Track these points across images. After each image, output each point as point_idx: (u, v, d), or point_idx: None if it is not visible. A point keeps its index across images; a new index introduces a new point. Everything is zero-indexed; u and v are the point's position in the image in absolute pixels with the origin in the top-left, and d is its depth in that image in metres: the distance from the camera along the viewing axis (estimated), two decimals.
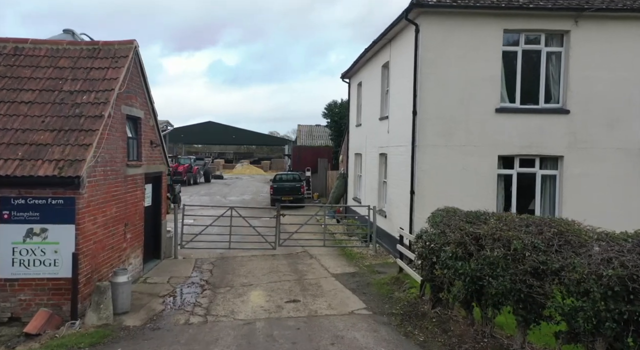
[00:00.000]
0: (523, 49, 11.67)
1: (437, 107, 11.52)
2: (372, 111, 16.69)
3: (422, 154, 11.57)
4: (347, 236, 16.48)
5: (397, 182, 13.26)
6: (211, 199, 31.11)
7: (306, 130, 42.36)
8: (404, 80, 12.59)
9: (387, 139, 14.45)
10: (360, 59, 17.37)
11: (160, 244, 12.72)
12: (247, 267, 12.31)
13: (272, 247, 14.01)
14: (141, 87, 11.02)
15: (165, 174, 13.10)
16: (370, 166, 16.86)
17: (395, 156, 13.57)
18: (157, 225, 12.66)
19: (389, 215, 14.06)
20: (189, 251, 13.73)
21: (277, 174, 29.53)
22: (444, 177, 11.59)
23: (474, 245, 6.70)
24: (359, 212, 17.69)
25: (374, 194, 16.18)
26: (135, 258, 10.71)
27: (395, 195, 13.45)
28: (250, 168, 70.51)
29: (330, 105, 34.12)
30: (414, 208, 11.73)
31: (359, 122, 19.27)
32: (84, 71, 9.62)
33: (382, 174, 15.57)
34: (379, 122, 15.50)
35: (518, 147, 11.66)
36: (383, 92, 15.46)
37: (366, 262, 12.95)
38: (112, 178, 9.25)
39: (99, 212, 8.66)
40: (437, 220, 7.87)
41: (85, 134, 8.37)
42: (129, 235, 10.27)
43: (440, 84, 11.49)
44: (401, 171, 12.83)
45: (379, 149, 15.48)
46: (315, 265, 12.51)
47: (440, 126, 11.54)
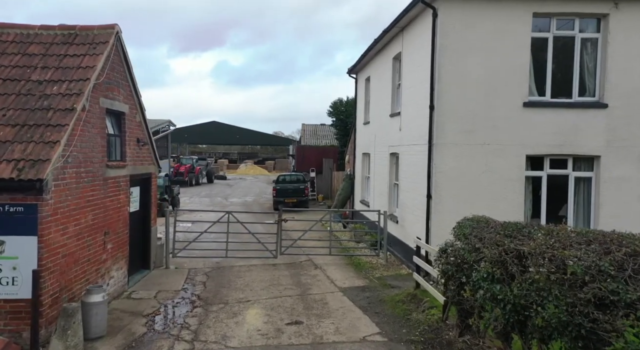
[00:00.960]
0: (554, 35, 10.37)
1: (458, 101, 10.25)
2: (381, 108, 15.43)
3: (441, 153, 10.31)
4: (355, 243, 15.23)
5: (410, 184, 12.00)
6: (212, 201, 29.99)
7: (311, 129, 41.12)
8: (419, 72, 11.33)
9: (398, 137, 13.19)
10: (368, 51, 16.12)
11: (149, 252, 11.52)
12: (244, 278, 11.09)
13: (273, 256, 12.79)
14: (125, 79, 9.83)
15: (156, 175, 11.91)
16: (380, 167, 15.61)
17: (408, 156, 12.31)
18: (146, 232, 11.47)
19: (402, 221, 12.80)
20: (182, 260, 12.54)
21: (280, 174, 28.30)
22: (465, 180, 10.33)
23: (516, 266, 5.43)
24: (368, 217, 16.43)
25: (383, 197, 14.92)
26: (118, 270, 9.52)
27: (408, 199, 12.19)
28: (254, 168, 69.57)
29: (335, 103, 32.87)
30: (431, 214, 10.47)
31: (367, 120, 18.01)
32: (56, 58, 8.44)
33: (393, 175, 14.31)
34: (390, 119, 14.24)
35: (548, 146, 10.37)
36: (394, 86, 14.21)
37: (377, 273, 11.69)
38: (87, 181, 8.06)
39: (70, 221, 7.47)
40: (466, 232, 6.60)
41: (52, 130, 7.18)
42: (110, 245, 9.08)
43: (460, 76, 10.22)
44: (416, 173, 11.57)
45: (390, 148, 14.22)
46: (320, 277, 11.27)
47: (460, 122, 10.28)
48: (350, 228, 16.86)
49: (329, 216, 14.32)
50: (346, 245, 14.93)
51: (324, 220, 15.40)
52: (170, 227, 12.48)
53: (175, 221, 12.50)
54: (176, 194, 25.32)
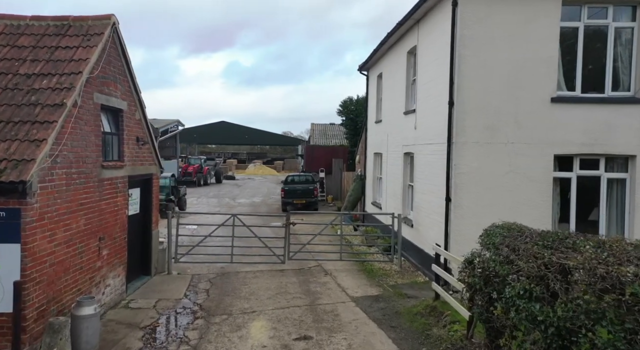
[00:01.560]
0: (585, 24, 9.58)
1: (479, 96, 9.49)
2: (395, 105, 14.69)
3: (461, 153, 9.56)
4: (366, 247, 14.51)
5: (427, 186, 11.25)
6: (219, 202, 29.45)
7: (320, 129, 40.42)
8: (437, 66, 10.58)
9: (413, 136, 12.45)
10: (381, 46, 15.39)
11: (150, 258, 10.92)
12: (250, 286, 10.43)
13: (280, 261, 12.12)
14: (123, 74, 9.23)
15: (157, 176, 11.30)
16: (393, 167, 14.87)
17: (424, 156, 11.57)
18: (147, 237, 10.86)
19: (417, 225, 12.05)
20: (185, 265, 11.92)
21: (288, 175, 27.64)
22: (487, 182, 9.56)
23: (559, 282, 4.69)
24: (380, 220, 15.69)
25: (397, 199, 14.19)
26: (115, 278, 8.91)
27: (424, 202, 11.45)
28: (262, 168, 69.17)
29: (345, 102, 32.13)
30: (450, 218, 9.72)
31: (379, 118, 17.28)
32: (47, 51, 7.84)
33: (407, 176, 13.56)
34: (404, 117, 13.50)
35: (578, 145, 9.57)
36: (408, 82, 13.46)
37: (391, 280, 10.96)
38: (79, 182, 7.45)
39: (58, 226, 6.86)
40: (496, 241, 5.86)
41: (39, 127, 6.58)
42: (106, 252, 8.47)
43: (483, 69, 9.46)
44: (432, 174, 10.82)
45: (404, 147, 13.48)
46: (330, 285, 10.57)
47: (482, 119, 9.52)
48: (361, 231, 16.15)
49: (340, 219, 13.59)
50: (357, 249, 14.22)
51: (334, 223, 14.69)
52: (173, 229, 11.87)
53: (177, 224, 11.87)
54: (182, 195, 24.79)
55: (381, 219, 15.53)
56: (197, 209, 25.33)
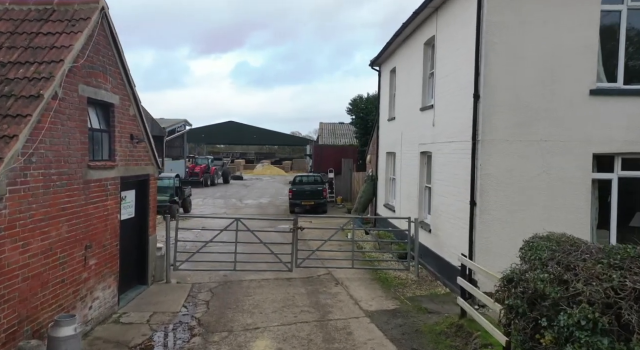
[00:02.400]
0: (629, 7, 8.56)
1: (509, 88, 8.51)
2: (410, 101, 13.73)
3: (487, 152, 8.59)
4: (379, 253, 13.57)
5: (447, 188, 10.29)
6: (226, 203, 28.68)
7: (329, 128, 39.50)
8: (459, 57, 9.62)
9: (431, 133, 11.49)
10: (395, 38, 14.44)
11: (146, 266, 10.08)
12: (254, 297, 9.55)
13: (287, 269, 11.22)
14: (114, 65, 8.39)
15: (155, 176, 10.46)
16: (408, 168, 13.91)
17: (444, 155, 10.60)
18: (143, 243, 10.03)
19: (435, 230, 11.09)
20: (185, 273, 11.07)
21: (296, 175, 26.76)
22: (517, 184, 8.58)
23: (637, 313, 3.75)
24: (394, 224, 14.74)
25: (412, 201, 13.23)
26: (105, 290, 8.07)
27: (444, 205, 10.48)
28: (270, 168, 68.56)
29: (355, 100, 31.18)
30: (475, 224, 8.75)
31: (392, 116, 16.32)
32: (26, 37, 7.02)
33: (424, 177, 12.60)
34: (420, 114, 12.54)
35: (620, 143, 8.55)
36: (425, 76, 12.50)
37: (408, 291, 10.02)
38: (60, 185, 6.62)
39: (34, 235, 6.02)
40: (543, 256, 4.91)
41: (10, 122, 5.75)
42: (93, 261, 7.63)
43: (513, 58, 8.48)
44: (453, 175, 9.86)
45: (420, 146, 12.52)
46: (342, 297, 9.65)
47: (512, 114, 8.54)
48: (372, 235, 15.20)
49: (352, 223, 12.62)
50: (370, 255, 13.28)
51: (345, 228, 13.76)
52: (172, 233, 11.03)
53: (177, 229, 11.02)
54: (187, 196, 24.02)
55: (395, 223, 14.58)
56: (202, 211, 24.57)
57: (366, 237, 16.09)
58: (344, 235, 15.32)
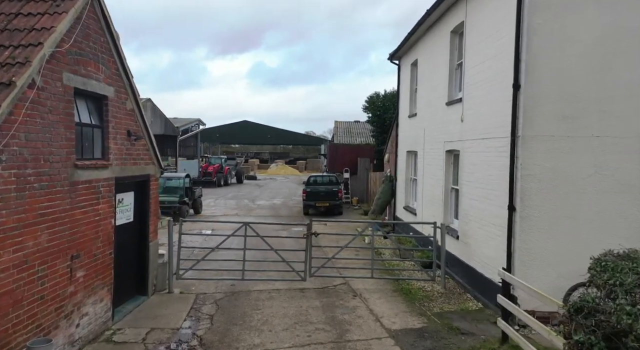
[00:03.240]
0: None
1: (555, 76, 7.41)
2: (434, 95, 12.65)
3: (529, 149, 7.49)
4: (400, 260, 12.53)
5: (479, 190, 9.20)
6: (238, 203, 27.88)
7: (344, 127, 38.41)
8: (494, 42, 8.53)
9: (459, 130, 10.40)
10: (417, 28, 13.37)
11: (146, 274, 9.22)
12: (263, 311, 8.61)
13: (300, 278, 10.23)
14: (108, 52, 7.53)
15: (157, 177, 9.59)
16: (431, 167, 12.83)
17: (475, 154, 9.51)
18: (143, 249, 9.17)
19: (465, 237, 10.00)
20: (189, 282, 10.18)
21: (310, 175, 25.78)
22: (564, 186, 7.48)
23: None
24: (416, 228, 13.68)
25: (436, 204, 12.14)
26: (96, 304, 7.21)
27: (476, 210, 9.39)
28: (285, 168, 67.91)
29: (372, 97, 30.06)
30: (514, 232, 7.66)
31: (413, 112, 15.24)
32: (4, 18, 6.19)
33: (450, 178, 11.51)
34: (446, 109, 11.46)
35: None
36: (452, 67, 11.40)
37: (435, 305, 8.96)
38: (39, 187, 5.75)
39: (4, 246, 5.17)
40: (626, 282, 3.85)
41: None
42: (82, 273, 6.77)
43: (559, 41, 7.38)
44: (488, 176, 8.77)
45: (446, 144, 11.44)
46: (361, 311, 8.64)
47: (559, 106, 7.43)
48: (393, 241, 14.14)
49: (370, 229, 11.54)
50: (390, 263, 12.24)
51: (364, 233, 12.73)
52: (179, 239, 10.15)
53: (180, 234, 10.13)
54: (198, 197, 23.26)
55: (417, 228, 13.51)
56: (214, 212, 23.81)
57: (385, 242, 15.05)
58: (361, 240, 14.31)
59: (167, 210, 20.36)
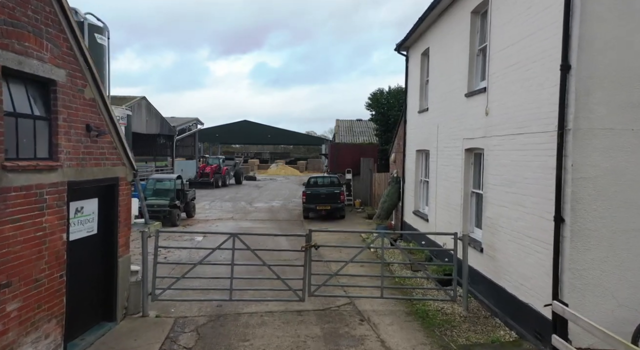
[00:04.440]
0: None
1: (618, 53, 5.92)
2: (449, 86, 11.16)
3: (584, 146, 6.00)
4: (412, 273, 11.05)
5: (510, 196, 7.71)
6: (234, 206, 26.43)
7: (346, 125, 36.92)
8: (533, 16, 7.04)
9: (483, 124, 8.92)
10: (428, 13, 11.89)
11: (114, 297, 7.73)
12: (253, 343, 7.12)
13: (298, 298, 8.73)
14: (57, 26, 6.05)
15: (127, 180, 8.11)
16: (447, 168, 11.35)
17: (504, 153, 8.02)
18: (110, 267, 7.69)
19: (491, 250, 8.51)
20: (169, 303, 8.70)
21: (310, 176, 24.26)
22: (630, 192, 5.98)
23: None
24: (429, 236, 12.21)
25: (453, 210, 10.66)
26: (38, 343, 5.73)
27: (506, 219, 7.89)
28: (285, 168, 66.58)
29: (375, 94, 28.59)
30: (563, 250, 6.16)
31: (424, 107, 13.75)
32: None
33: (470, 180, 10.03)
34: (465, 101, 9.97)
35: None
36: (473, 52, 9.91)
37: (459, 334, 7.46)
38: None
39: None
40: None
41: None
42: (15, 306, 5.29)
43: (622, 10, 5.89)
44: (522, 179, 7.28)
45: (465, 141, 9.96)
46: (371, 344, 7.14)
47: (622, 92, 5.95)
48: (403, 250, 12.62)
49: (379, 239, 10.02)
50: (399, 275, 10.75)
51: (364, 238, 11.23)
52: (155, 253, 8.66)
53: (156, 247, 8.63)
54: (191, 199, 21.78)
55: (430, 236, 12.03)
56: (208, 216, 22.32)
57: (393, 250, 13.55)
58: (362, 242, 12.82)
59: (156, 215, 18.90)
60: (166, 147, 44.80)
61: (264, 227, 19.07)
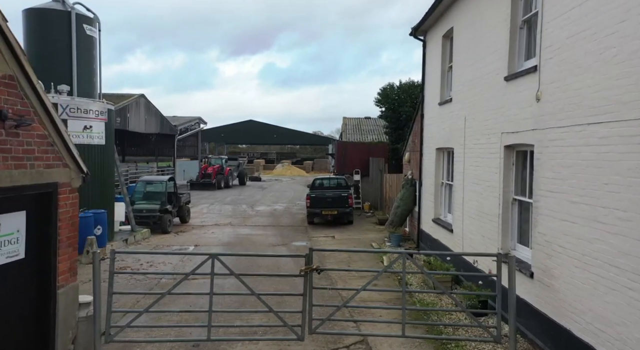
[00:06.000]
0: None
1: None
2: (482, 70, 9.18)
3: None
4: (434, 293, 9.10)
5: (580, 208, 5.72)
6: (234, 209, 24.62)
7: (353, 123, 34.93)
8: None
9: (533, 114, 6.94)
10: None
11: (51, 340, 5.86)
12: None
13: (296, 336, 6.77)
14: None
15: (73, 187, 6.22)
16: (477, 170, 9.37)
17: (567, 149, 6.04)
18: (45, 301, 5.82)
19: (547, 276, 6.52)
20: (128, 346, 6.80)
21: (316, 178, 22.31)
22: None
23: None
24: (447, 246, 10.25)
25: (488, 221, 8.68)
26: None
27: (573, 238, 5.89)
28: (291, 169, 64.87)
29: (385, 89, 26.58)
30: None
31: (447, 97, 11.78)
32: None
33: (511, 184, 8.05)
34: (505, 86, 7.99)
35: None
36: (516, 24, 7.92)
37: None
38: None
39: None
40: None
41: None
42: None
43: None
44: (602, 185, 5.29)
45: (506, 136, 7.97)
46: None
47: None
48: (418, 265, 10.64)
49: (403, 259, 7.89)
50: (421, 299, 8.78)
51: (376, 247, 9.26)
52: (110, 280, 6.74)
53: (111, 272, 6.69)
54: (185, 203, 19.95)
55: (451, 246, 10.07)
56: (204, 221, 20.50)
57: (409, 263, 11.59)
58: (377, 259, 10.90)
59: (145, 220, 17.14)
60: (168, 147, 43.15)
61: (263, 234, 17.20)
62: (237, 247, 14.52)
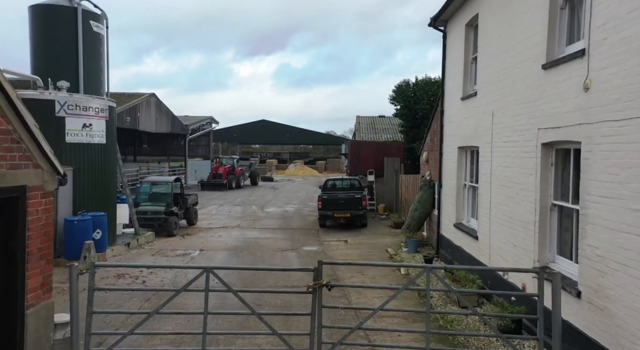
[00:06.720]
0: None
1: None
2: (514, 58, 8.15)
3: None
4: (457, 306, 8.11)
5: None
6: (244, 211, 23.83)
7: (367, 122, 33.92)
8: None
9: (580, 104, 5.92)
10: None
11: None
12: None
13: None
14: None
15: (46, 190, 5.41)
16: (507, 171, 8.34)
17: (626, 146, 5.03)
18: (9, 324, 5.01)
19: (598, 297, 5.51)
20: None
21: (328, 179, 21.37)
22: None
23: None
24: (470, 254, 9.26)
25: (522, 229, 7.66)
26: None
27: (635, 252, 4.87)
28: (303, 169, 64.07)
29: (400, 86, 25.52)
30: None
31: (470, 91, 10.76)
32: None
33: (549, 188, 7.03)
34: (543, 75, 6.97)
35: None
36: (556, 4, 6.90)
37: None
38: None
39: None
40: None
41: None
42: None
43: None
44: None
45: (543, 133, 6.95)
46: None
47: None
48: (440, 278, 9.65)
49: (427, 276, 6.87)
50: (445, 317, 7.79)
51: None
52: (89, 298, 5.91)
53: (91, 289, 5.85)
54: (192, 204, 19.21)
55: (477, 256, 9.07)
56: (211, 223, 19.72)
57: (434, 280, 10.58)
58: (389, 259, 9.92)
59: (150, 223, 16.41)
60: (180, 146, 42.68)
61: (272, 237, 16.34)
62: (244, 252, 13.69)
